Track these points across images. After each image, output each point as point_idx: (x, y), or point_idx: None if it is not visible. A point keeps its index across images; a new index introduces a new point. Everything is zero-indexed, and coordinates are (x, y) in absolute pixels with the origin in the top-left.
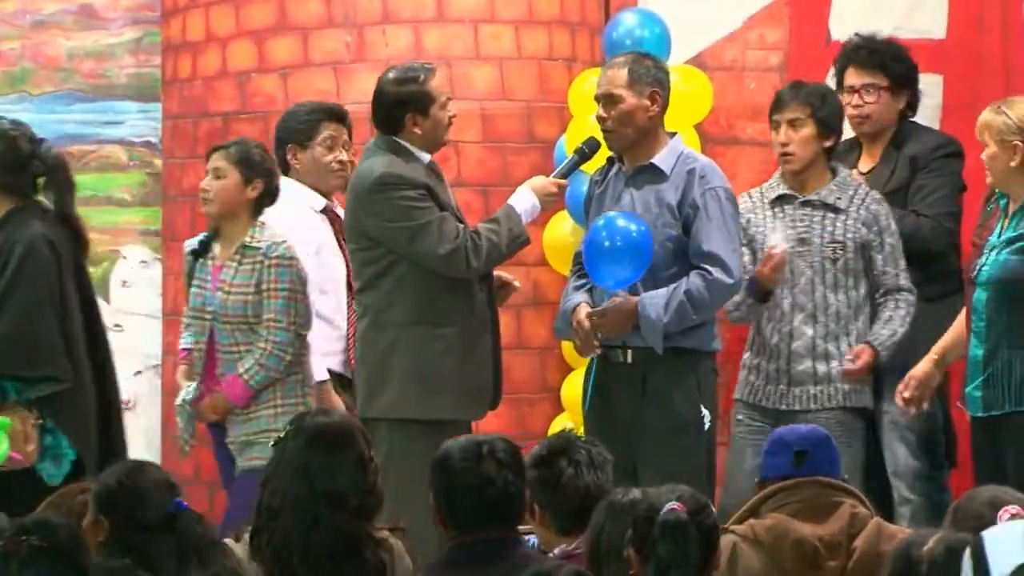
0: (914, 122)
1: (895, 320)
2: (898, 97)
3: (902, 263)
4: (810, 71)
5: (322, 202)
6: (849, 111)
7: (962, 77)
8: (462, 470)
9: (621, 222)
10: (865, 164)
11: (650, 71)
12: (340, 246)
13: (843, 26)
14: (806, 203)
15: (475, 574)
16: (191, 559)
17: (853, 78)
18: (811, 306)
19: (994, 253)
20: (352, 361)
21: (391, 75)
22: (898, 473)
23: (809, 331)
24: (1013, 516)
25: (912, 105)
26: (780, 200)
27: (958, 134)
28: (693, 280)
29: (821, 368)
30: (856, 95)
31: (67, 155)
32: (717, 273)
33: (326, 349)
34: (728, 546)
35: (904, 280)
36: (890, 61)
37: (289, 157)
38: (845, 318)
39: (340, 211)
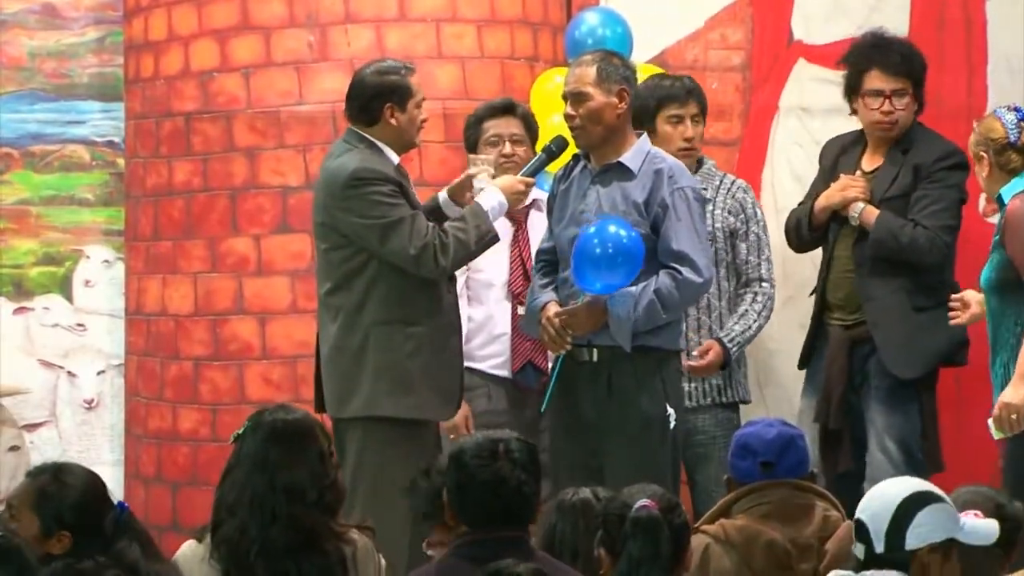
0: (920, 124)
1: (750, 315)
2: (917, 99)
3: (766, 252)
4: (772, 71)
5: None
6: (876, 116)
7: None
8: (476, 467)
9: (613, 228)
10: (869, 163)
11: (619, 69)
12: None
13: (805, 26)
14: None
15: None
16: (140, 557)
17: (880, 82)
18: None
19: None
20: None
21: (371, 67)
22: (874, 480)
23: (681, 325)
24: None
25: (921, 104)
26: None
27: None
28: (663, 279)
29: (693, 363)
30: (887, 101)
31: (30, 154)
32: (687, 272)
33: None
34: (700, 546)
35: (765, 271)
36: (917, 63)
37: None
38: (718, 310)
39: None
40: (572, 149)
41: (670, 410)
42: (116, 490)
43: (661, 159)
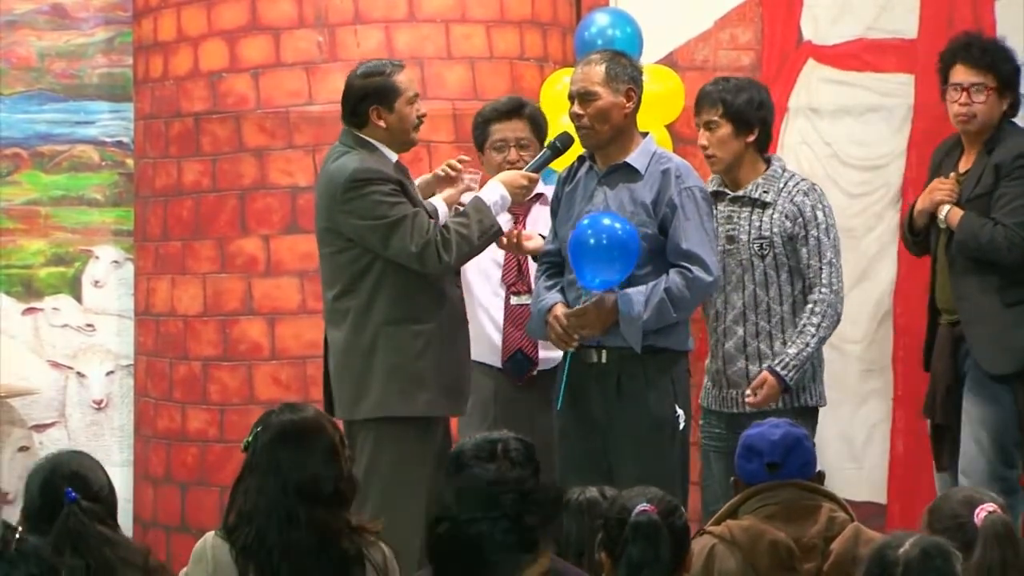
0: (1012, 123)
1: (807, 331)
2: (1003, 98)
3: (828, 256)
4: (781, 71)
5: None
6: (955, 108)
7: (934, 76)
8: (475, 468)
9: (607, 221)
10: (965, 163)
11: (626, 69)
12: None
13: (814, 27)
14: (735, 199)
15: None
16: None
17: (961, 76)
18: (740, 304)
19: None
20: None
21: (360, 69)
22: (966, 472)
23: (740, 330)
24: (990, 513)
25: (1014, 107)
26: (715, 196)
27: (930, 133)
28: (673, 278)
29: (753, 368)
30: (964, 93)
31: (39, 155)
32: (697, 271)
33: None
34: (705, 547)
35: (826, 275)
36: (1001, 62)
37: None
38: (779, 315)
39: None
40: (577, 147)
41: (679, 411)
42: (125, 490)
43: (667, 159)
